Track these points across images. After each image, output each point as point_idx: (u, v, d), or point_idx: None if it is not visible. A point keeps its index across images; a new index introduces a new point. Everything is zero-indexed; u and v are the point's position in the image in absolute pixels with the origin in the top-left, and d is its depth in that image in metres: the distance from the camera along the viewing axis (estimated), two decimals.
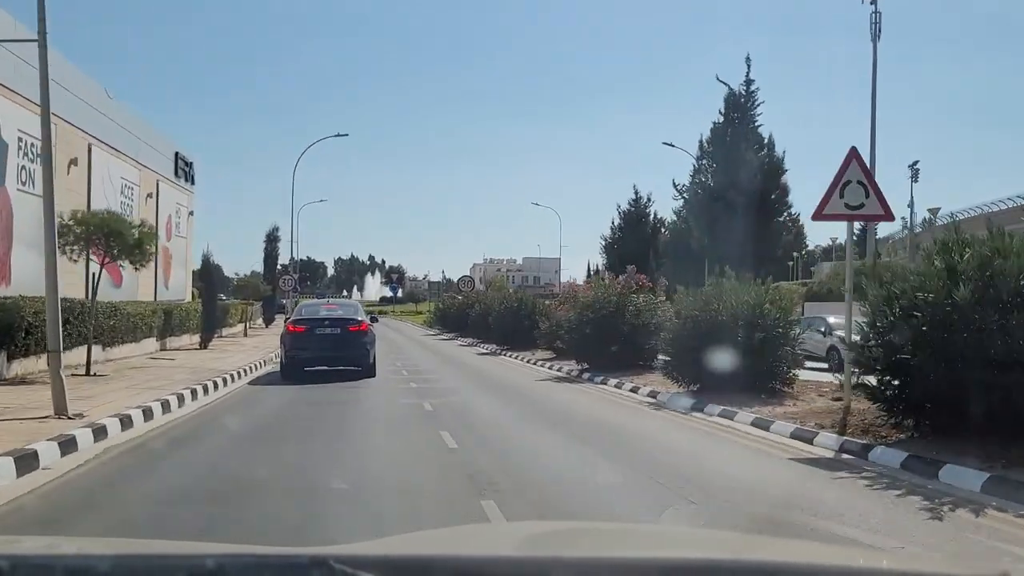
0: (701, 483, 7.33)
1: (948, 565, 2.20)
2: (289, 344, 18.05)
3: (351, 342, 18.06)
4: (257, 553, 1.48)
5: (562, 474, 7.94)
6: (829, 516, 6.10)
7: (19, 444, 8.09)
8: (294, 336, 18.08)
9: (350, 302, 27.26)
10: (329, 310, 19.97)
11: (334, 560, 1.29)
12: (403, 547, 1.78)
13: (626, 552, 1.73)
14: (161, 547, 1.87)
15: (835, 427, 9.74)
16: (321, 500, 6.57)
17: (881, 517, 6.15)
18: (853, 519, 6.02)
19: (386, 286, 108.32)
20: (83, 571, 1.38)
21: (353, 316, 18.96)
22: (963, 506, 6.43)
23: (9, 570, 1.31)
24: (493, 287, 37.06)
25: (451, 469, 8.03)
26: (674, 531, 4.11)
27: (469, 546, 1.85)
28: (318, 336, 17.98)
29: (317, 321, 18.45)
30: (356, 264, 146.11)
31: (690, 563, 1.49)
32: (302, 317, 18.94)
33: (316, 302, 25.04)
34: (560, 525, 3.80)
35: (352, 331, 18.22)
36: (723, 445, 9.85)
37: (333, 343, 17.93)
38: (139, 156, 29.36)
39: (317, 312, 19.53)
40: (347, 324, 18.38)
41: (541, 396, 16.07)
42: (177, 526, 5.73)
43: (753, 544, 2.32)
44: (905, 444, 8.51)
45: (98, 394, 12.97)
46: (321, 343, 17.87)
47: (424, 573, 1.44)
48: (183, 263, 36.42)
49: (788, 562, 1.57)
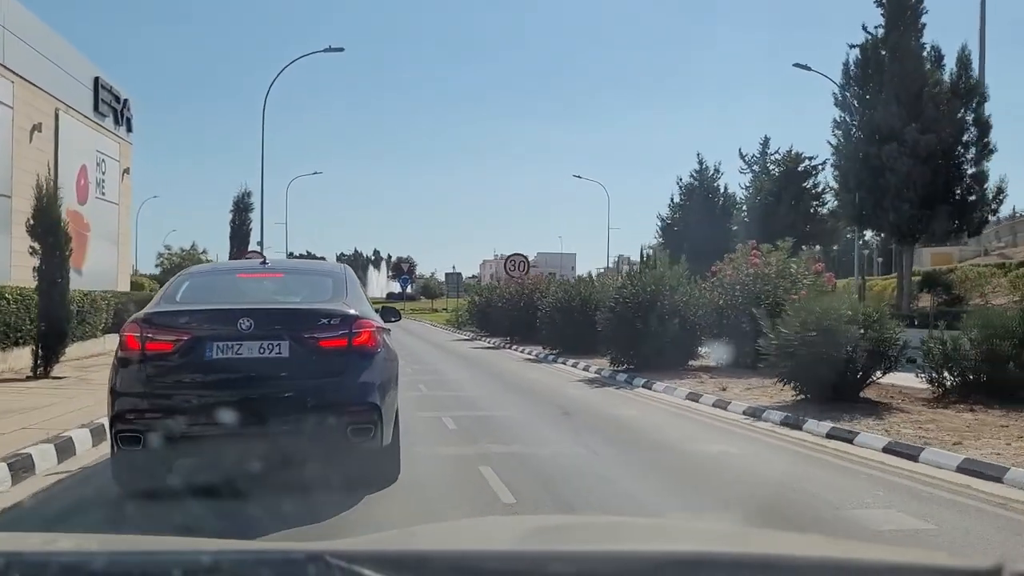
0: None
1: (945, 558, 2.08)
2: (130, 391, 5.62)
3: (321, 390, 5.61)
4: (253, 549, 1.52)
5: None
6: None
7: None
8: (148, 367, 5.62)
9: (322, 268, 8.73)
10: (258, 285, 6.75)
11: (330, 555, 1.27)
12: (399, 542, 1.79)
13: (623, 545, 1.71)
14: (157, 543, 1.73)
15: None
16: None
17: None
18: None
19: (394, 280, 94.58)
20: (79, 568, 1.35)
21: (328, 305, 5.99)
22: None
23: (4, 567, 1.28)
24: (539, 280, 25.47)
25: None
26: (671, 524, 4.06)
27: (466, 540, 1.81)
28: (216, 367, 5.60)
29: (220, 321, 5.76)
30: (360, 259, 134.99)
31: (688, 556, 1.47)
32: (177, 309, 5.98)
33: (229, 267, 8.88)
34: (558, 519, 3.89)
35: (324, 348, 5.65)
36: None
37: (262, 393, 5.61)
38: (14, 62, 18.64)
39: (225, 295, 6.47)
40: (309, 327, 5.72)
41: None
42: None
43: (752, 537, 2.30)
44: None
45: None
46: (226, 391, 5.58)
47: (420, 568, 1.39)
48: (112, 237, 25.75)
49: (786, 555, 1.57)
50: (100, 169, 24.77)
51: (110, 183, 25.65)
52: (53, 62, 21.16)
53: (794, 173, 44.75)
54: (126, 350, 5.59)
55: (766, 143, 51.08)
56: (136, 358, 5.54)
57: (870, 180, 24.34)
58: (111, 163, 25.75)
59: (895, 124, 23.45)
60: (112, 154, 25.84)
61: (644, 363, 13.88)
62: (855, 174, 24.90)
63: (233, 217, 28.05)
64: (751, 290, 13.22)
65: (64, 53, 22.23)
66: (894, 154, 23.41)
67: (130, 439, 5.38)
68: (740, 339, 13.06)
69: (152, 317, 5.71)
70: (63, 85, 21.88)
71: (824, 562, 1.48)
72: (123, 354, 5.60)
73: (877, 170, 24.07)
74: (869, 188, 24.49)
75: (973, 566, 1.44)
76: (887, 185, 23.85)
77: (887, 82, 24.14)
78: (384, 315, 6.82)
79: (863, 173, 24.43)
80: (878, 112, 24.20)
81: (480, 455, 7.48)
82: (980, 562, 1.38)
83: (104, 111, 25.04)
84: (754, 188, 46.80)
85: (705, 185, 50.02)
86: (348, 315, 5.71)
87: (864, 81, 25.54)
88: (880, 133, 24.05)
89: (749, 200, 47.03)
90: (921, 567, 1.52)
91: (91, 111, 24.03)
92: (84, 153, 23.51)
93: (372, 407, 5.52)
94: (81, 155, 23.24)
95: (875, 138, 24.34)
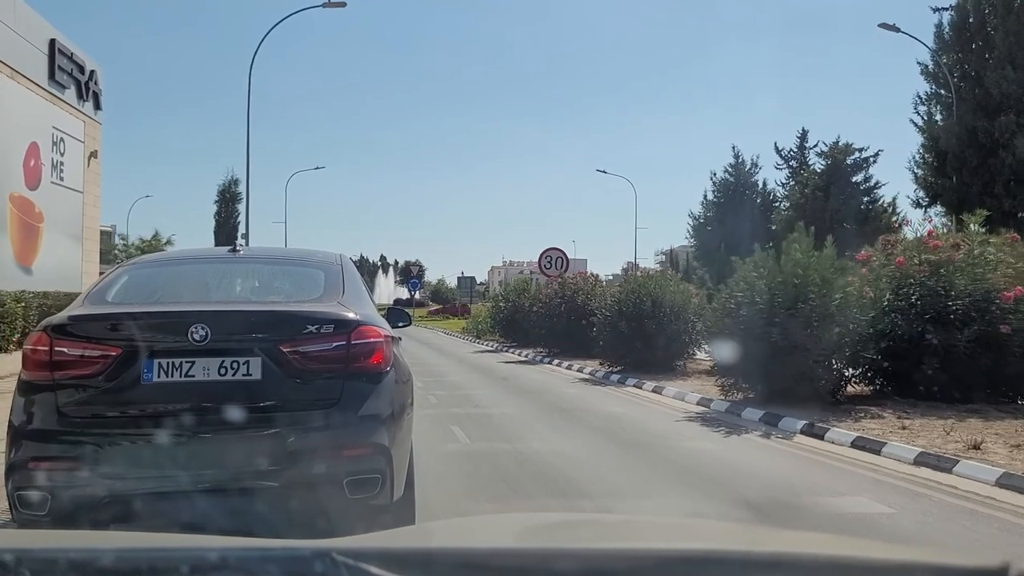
0: None
1: (951, 556, 1.88)
2: (34, 430, 4.01)
3: (307, 427, 4.00)
4: (260, 546, 1.44)
5: None
6: None
7: None
8: (60, 395, 3.98)
9: (311, 257, 5.43)
10: (223, 280, 4.95)
11: (336, 552, 1.27)
12: (405, 539, 1.77)
13: (629, 543, 1.68)
14: (164, 540, 1.70)
15: None
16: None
17: None
18: None
19: (402, 285, 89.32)
20: (88, 564, 1.35)
21: (317, 306, 4.34)
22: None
23: (14, 563, 1.28)
24: (567, 282, 20.89)
25: None
26: (679, 522, 3.83)
27: (472, 537, 1.77)
28: (157, 395, 3.97)
29: (164, 328, 4.13)
30: (366, 265, 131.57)
31: (696, 554, 1.45)
32: (104, 312, 4.21)
33: (184, 256, 6.11)
34: (563, 516, 3.75)
35: (312, 368, 4.06)
36: None
37: (222, 432, 3.95)
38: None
39: (175, 293, 4.72)
40: (290, 337, 4.07)
41: None
42: None
43: (760, 535, 2.30)
44: None
45: None
46: (172, 430, 3.90)
47: (426, 565, 1.39)
48: (74, 231, 21.92)
49: (794, 552, 1.54)
50: (57, 149, 20.89)
51: (72, 167, 21.78)
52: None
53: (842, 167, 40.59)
54: (31, 370, 4.09)
55: (804, 136, 47.12)
56: (43, 383, 4.03)
57: (976, 160, 20.26)
58: (73, 144, 21.87)
59: (1011, 91, 19.35)
60: (74, 133, 21.97)
61: (783, 396, 8.94)
62: (956, 154, 20.77)
63: (219, 208, 24.16)
64: (930, 286, 9.21)
65: (8, 7, 18.40)
66: (1011, 128, 19.32)
67: (31, 501, 3.89)
68: (921, 356, 9.04)
69: (68, 324, 4.13)
70: (6, 44, 18.04)
71: (832, 560, 1.45)
72: (27, 376, 4.12)
73: (986, 148, 19.98)
74: (974, 170, 20.42)
75: (980, 564, 1.37)
76: (999, 166, 19.79)
77: (997, 43, 20.03)
78: (390, 318, 5.19)
79: (968, 152, 20.32)
80: (988, 78, 20.07)
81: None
82: (987, 560, 1.31)
83: (63, 81, 21.17)
84: (798, 183, 42.54)
85: (741, 180, 45.97)
86: (345, 320, 4.22)
87: (962, 45, 21.47)
88: (989, 104, 19.95)
89: (792, 196, 42.72)
90: (928, 565, 1.47)
91: (45, 79, 20.16)
92: (35, 129, 19.62)
93: (378, 449, 4.10)
94: (31, 131, 19.36)
95: (982, 110, 20.22)
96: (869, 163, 40.66)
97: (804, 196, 40.63)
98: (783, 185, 46.98)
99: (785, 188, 46.28)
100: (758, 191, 46.05)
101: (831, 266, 9.14)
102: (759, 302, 9.17)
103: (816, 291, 8.96)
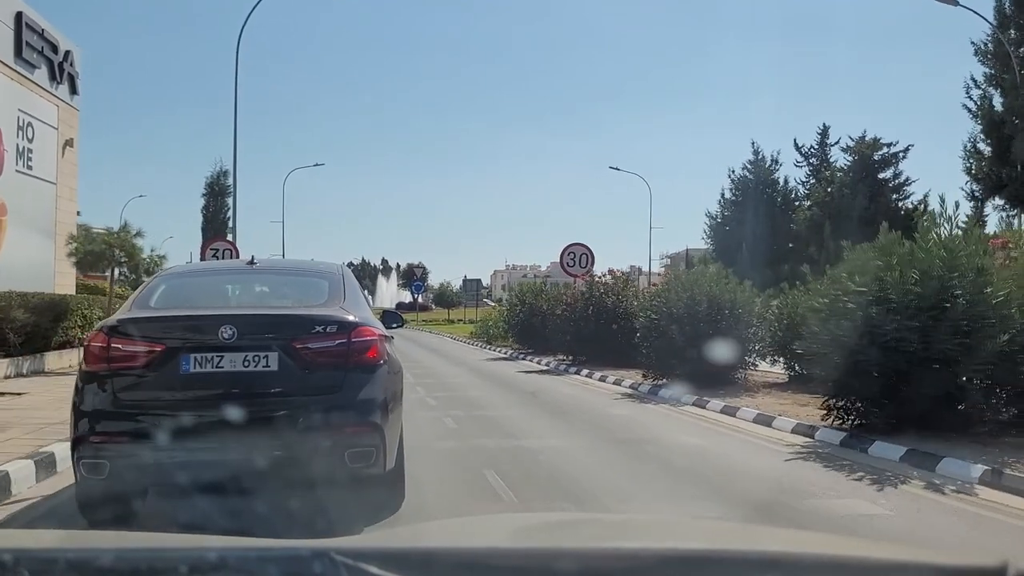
0: None
1: (950, 556, 1.80)
2: (94, 411, 4.99)
3: (315, 408, 4.96)
4: (259, 546, 1.44)
5: None
6: None
7: None
8: (114, 382, 5.00)
9: (316, 268, 6.71)
10: (244, 288, 6.47)
11: (335, 552, 1.26)
12: (405, 539, 1.78)
13: (629, 542, 1.67)
14: (163, 540, 1.71)
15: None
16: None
17: None
18: None
19: (405, 288, 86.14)
20: (87, 564, 1.34)
21: (323, 310, 5.33)
22: None
23: (13, 563, 1.27)
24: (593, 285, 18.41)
25: None
26: (678, 521, 3.95)
27: (472, 537, 1.76)
28: (193, 382, 4.97)
29: (199, 329, 5.14)
30: (368, 268, 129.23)
31: (694, 553, 1.44)
32: (149, 316, 5.33)
33: (211, 268, 8.60)
34: (562, 516, 3.81)
35: (319, 360, 5.07)
36: None
37: (246, 412, 4.76)
38: None
39: (206, 299, 5.91)
40: (301, 336, 5.05)
41: None
42: None
43: (759, 534, 2.28)
44: None
45: None
46: (205, 411, 4.87)
47: (426, 565, 1.38)
48: (45, 225, 19.76)
49: (793, 552, 1.52)
50: (24, 135, 18.73)
51: (43, 155, 19.62)
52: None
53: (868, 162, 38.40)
54: (91, 363, 5.14)
55: (825, 132, 44.94)
56: (101, 373, 5.07)
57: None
58: (44, 130, 19.73)
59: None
60: (45, 118, 19.82)
61: (916, 425, 7.08)
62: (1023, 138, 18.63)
63: (207, 203, 21.92)
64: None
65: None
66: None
67: (94, 466, 4.97)
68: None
69: (120, 325, 5.17)
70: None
71: (831, 560, 1.44)
72: (87, 368, 5.16)
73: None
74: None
75: (978, 564, 1.38)
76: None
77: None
78: (385, 320, 6.13)
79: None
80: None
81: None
82: (986, 559, 1.31)
83: (33, 60, 19.02)
84: (821, 181, 40.32)
85: (761, 178, 43.65)
86: (346, 321, 5.21)
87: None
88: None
89: (814, 194, 40.42)
90: (926, 565, 1.46)
91: (11, 57, 18.03)
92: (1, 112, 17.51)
93: (374, 427, 5.06)
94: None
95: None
96: (898, 159, 38.53)
97: (829, 194, 38.43)
98: (803, 183, 44.81)
99: (806, 186, 44.11)
100: (778, 189, 43.86)
101: (985, 252, 6.99)
102: (892, 299, 6.99)
103: (968, 285, 6.81)
